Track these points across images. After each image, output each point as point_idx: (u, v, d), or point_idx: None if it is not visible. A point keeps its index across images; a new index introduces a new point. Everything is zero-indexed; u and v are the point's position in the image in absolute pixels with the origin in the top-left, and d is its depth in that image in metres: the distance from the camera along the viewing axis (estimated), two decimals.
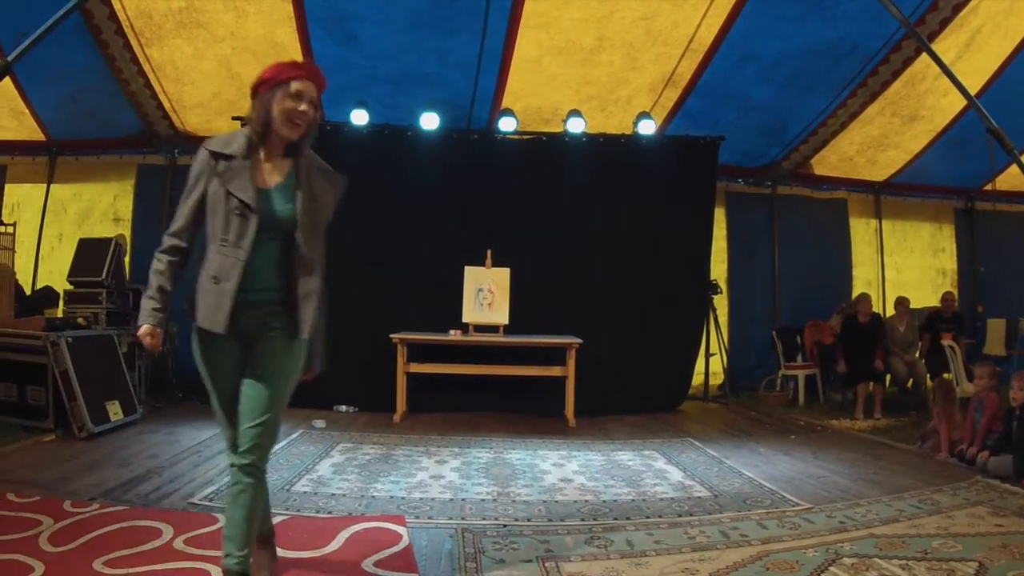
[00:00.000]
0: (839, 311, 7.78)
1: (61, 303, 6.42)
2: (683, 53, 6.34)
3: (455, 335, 6.17)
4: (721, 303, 7.69)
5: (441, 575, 2.62)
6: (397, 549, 2.81)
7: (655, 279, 6.87)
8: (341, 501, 3.53)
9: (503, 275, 6.34)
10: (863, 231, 8.75)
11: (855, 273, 8.61)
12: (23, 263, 6.84)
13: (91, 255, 6.23)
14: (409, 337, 6.05)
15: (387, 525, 3.10)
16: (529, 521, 3.28)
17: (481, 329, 6.23)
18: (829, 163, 8.20)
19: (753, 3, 5.68)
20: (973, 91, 4.69)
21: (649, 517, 3.37)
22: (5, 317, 5.48)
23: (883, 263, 8.74)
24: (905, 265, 8.89)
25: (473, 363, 6.14)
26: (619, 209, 6.87)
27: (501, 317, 6.25)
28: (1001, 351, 7.94)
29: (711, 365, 7.54)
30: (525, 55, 6.27)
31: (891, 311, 7.49)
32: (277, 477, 3.87)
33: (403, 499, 3.60)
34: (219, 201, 2.19)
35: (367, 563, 2.65)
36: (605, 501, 3.67)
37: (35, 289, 6.94)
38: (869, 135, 7.62)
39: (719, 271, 7.93)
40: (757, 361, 8.09)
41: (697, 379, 7.40)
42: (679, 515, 3.41)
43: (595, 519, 3.33)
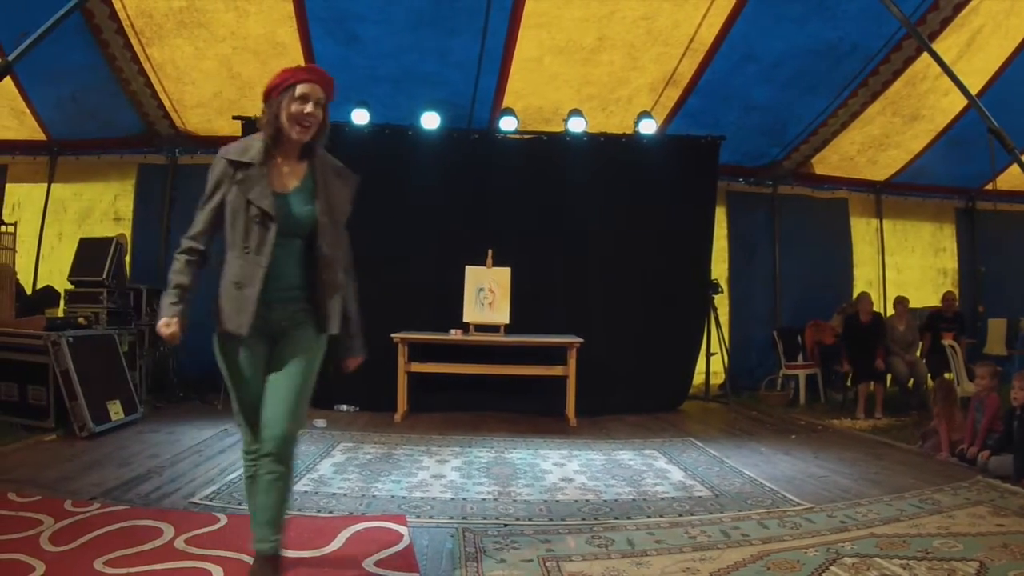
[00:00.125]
0: (840, 311, 7.77)
1: (62, 303, 6.43)
2: (684, 53, 6.34)
3: (456, 335, 6.18)
4: (722, 303, 7.69)
5: (442, 575, 2.62)
6: (398, 548, 2.82)
7: (656, 278, 6.87)
8: (342, 500, 3.54)
9: (504, 275, 6.34)
10: (864, 231, 8.75)
11: (856, 273, 8.61)
12: (24, 263, 6.84)
13: (92, 255, 6.23)
14: (410, 336, 6.05)
15: (388, 524, 3.10)
16: (530, 520, 3.28)
17: (482, 329, 6.23)
18: (830, 163, 8.19)
19: (754, 3, 5.68)
20: (974, 91, 4.69)
21: (650, 516, 3.37)
22: (6, 317, 5.49)
23: (884, 263, 8.73)
24: (906, 265, 8.89)
25: (474, 363, 6.14)
26: (620, 208, 6.87)
27: (502, 317, 6.25)
28: (1002, 351, 7.94)
29: (712, 365, 7.53)
30: (526, 55, 6.27)
31: (891, 311, 7.49)
32: None
33: (404, 498, 3.60)
34: (239, 209, 2.26)
35: (368, 562, 2.65)
36: (606, 500, 3.67)
37: (36, 289, 6.95)
38: (870, 135, 7.61)
39: (720, 271, 7.93)
40: (758, 361, 8.08)
41: (698, 379, 7.40)
42: (680, 515, 3.41)
43: (596, 518, 3.33)
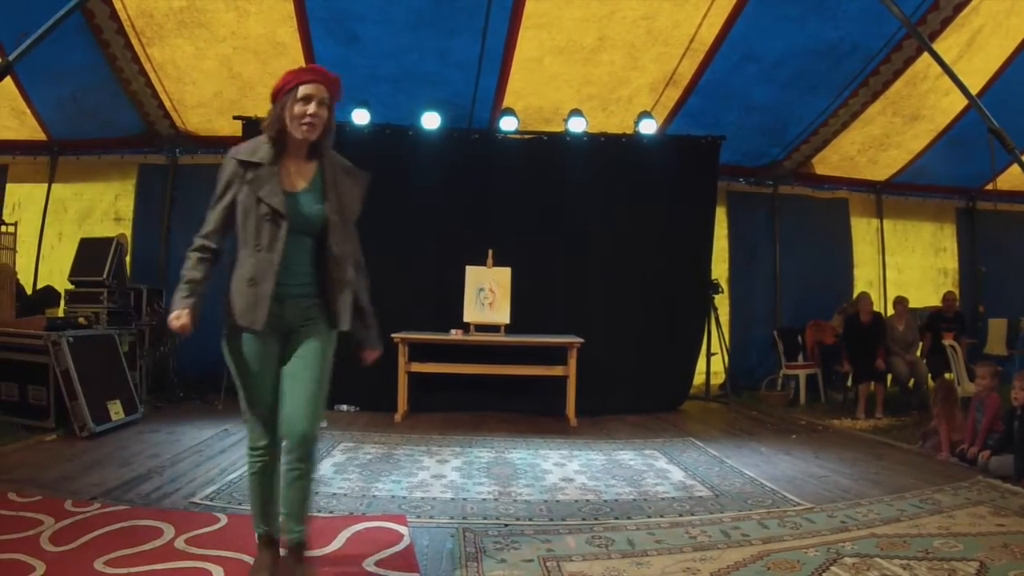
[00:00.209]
0: (840, 311, 7.77)
1: (62, 303, 6.43)
2: (684, 53, 6.34)
3: (456, 335, 6.18)
4: (722, 303, 7.68)
5: (442, 575, 2.62)
6: (398, 548, 2.81)
7: (656, 279, 6.87)
8: (342, 500, 3.53)
9: (504, 275, 6.34)
10: (864, 231, 8.74)
11: (856, 273, 8.61)
12: (24, 263, 6.84)
13: (92, 255, 6.23)
14: (410, 336, 6.04)
15: (388, 524, 3.10)
16: (530, 521, 3.28)
17: (482, 328, 6.23)
18: (830, 163, 8.19)
19: (754, 3, 5.68)
20: (974, 91, 4.67)
21: (650, 517, 3.37)
22: (6, 317, 5.49)
23: (884, 263, 8.73)
24: (906, 265, 8.89)
25: (474, 363, 6.14)
26: (620, 208, 6.87)
27: (502, 317, 6.25)
28: (1002, 351, 7.94)
29: (712, 365, 7.53)
30: (526, 55, 6.27)
31: (892, 311, 7.49)
32: None
33: (404, 498, 3.60)
34: (250, 207, 2.30)
35: (368, 562, 2.64)
36: (606, 500, 3.67)
37: (36, 289, 6.95)
38: (870, 135, 7.61)
39: (720, 271, 7.93)
40: (758, 361, 8.09)
41: (698, 379, 7.39)
42: (680, 515, 3.41)
43: (596, 519, 3.33)
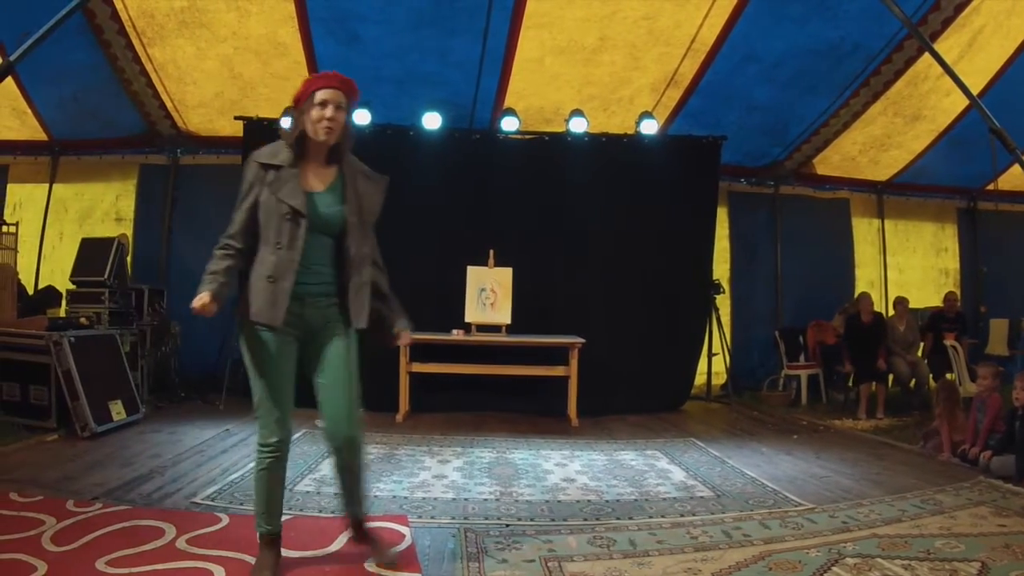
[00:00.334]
0: (841, 311, 7.77)
1: (63, 303, 6.43)
2: (685, 53, 6.33)
3: (458, 335, 6.17)
4: (723, 303, 7.68)
5: (444, 575, 2.62)
6: (400, 549, 2.81)
7: (657, 279, 6.86)
8: None
9: (506, 275, 6.34)
10: (865, 231, 8.74)
11: (858, 273, 8.61)
12: (25, 263, 6.86)
13: (93, 255, 6.24)
14: (412, 336, 6.02)
15: (390, 525, 3.10)
16: (532, 521, 3.28)
17: (484, 329, 6.23)
18: (831, 163, 8.19)
19: (755, 3, 5.68)
20: (975, 91, 4.65)
21: (652, 517, 3.37)
22: (8, 317, 5.49)
23: (885, 263, 8.73)
24: (908, 265, 8.88)
25: (476, 363, 6.13)
26: (621, 209, 6.87)
27: (503, 317, 6.25)
28: (1004, 351, 7.94)
29: (713, 365, 7.53)
30: (527, 55, 6.27)
31: (892, 312, 7.49)
32: None
33: (406, 499, 3.60)
34: (271, 207, 2.38)
35: (369, 563, 2.64)
36: (608, 501, 3.67)
37: (37, 289, 6.95)
38: (871, 135, 7.61)
39: (721, 271, 7.93)
40: (759, 361, 8.08)
41: (700, 379, 7.39)
42: (682, 515, 3.41)
43: (598, 519, 3.33)
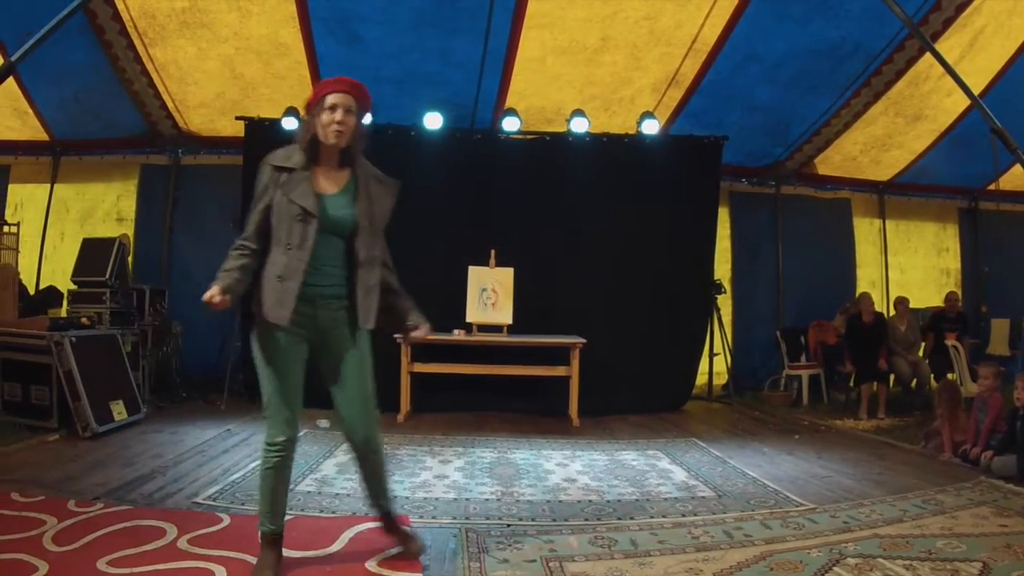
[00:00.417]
0: (843, 311, 7.76)
1: (65, 303, 6.43)
2: (686, 53, 6.33)
3: (459, 335, 6.16)
4: (725, 303, 7.68)
5: (445, 575, 2.62)
6: (401, 549, 2.81)
7: (659, 279, 6.86)
8: (345, 501, 3.54)
9: (507, 275, 6.33)
10: (867, 231, 8.74)
11: (859, 273, 8.60)
12: (27, 263, 6.87)
13: (95, 255, 6.24)
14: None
15: None
16: (533, 521, 3.28)
17: (485, 329, 6.23)
18: (833, 163, 8.18)
19: (756, 3, 5.67)
20: (976, 91, 4.65)
21: (653, 517, 3.37)
22: (9, 317, 5.49)
23: (887, 263, 8.72)
24: (909, 265, 8.88)
25: (477, 363, 6.14)
26: (623, 209, 6.86)
27: (505, 317, 6.25)
28: (1005, 351, 7.93)
29: (715, 365, 7.53)
30: (529, 55, 6.27)
31: (893, 312, 7.48)
32: None
33: (407, 499, 3.60)
34: (283, 209, 2.42)
35: (371, 563, 2.65)
36: (609, 501, 3.67)
37: (39, 289, 6.95)
38: (873, 135, 7.60)
39: (723, 271, 7.92)
40: (761, 361, 8.08)
41: (701, 379, 7.39)
42: (683, 515, 3.41)
43: (599, 519, 3.33)
